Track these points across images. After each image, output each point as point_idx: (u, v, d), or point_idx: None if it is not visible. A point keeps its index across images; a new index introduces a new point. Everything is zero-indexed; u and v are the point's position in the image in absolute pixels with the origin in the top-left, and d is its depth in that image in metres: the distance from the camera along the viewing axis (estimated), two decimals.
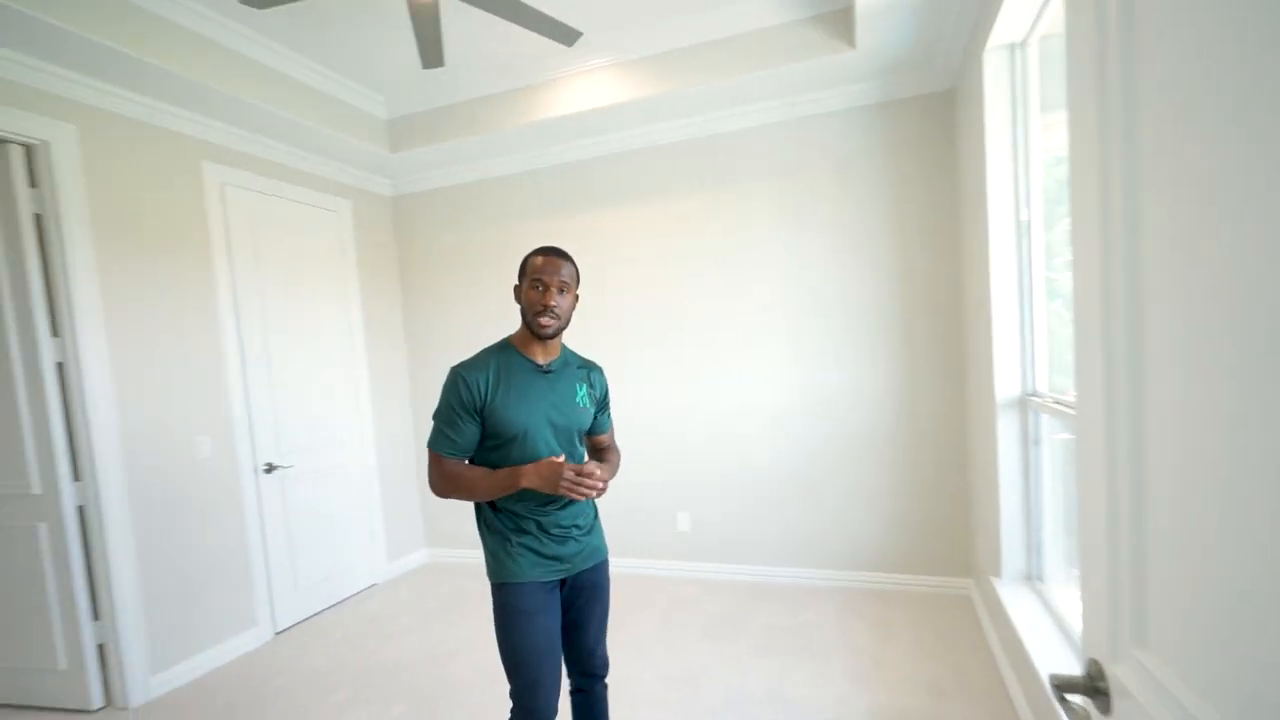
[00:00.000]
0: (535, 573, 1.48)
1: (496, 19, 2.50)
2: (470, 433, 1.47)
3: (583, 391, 1.59)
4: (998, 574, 2.36)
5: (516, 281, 1.56)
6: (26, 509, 2.39)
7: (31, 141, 2.24)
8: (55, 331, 2.34)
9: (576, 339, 3.51)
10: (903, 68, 2.75)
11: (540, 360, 1.54)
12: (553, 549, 1.50)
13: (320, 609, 3.30)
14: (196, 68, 2.45)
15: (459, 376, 1.46)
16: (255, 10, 2.27)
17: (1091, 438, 0.67)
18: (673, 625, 2.85)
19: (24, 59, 2.15)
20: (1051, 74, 2.03)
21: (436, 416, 1.49)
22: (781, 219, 3.14)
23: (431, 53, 2.15)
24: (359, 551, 3.57)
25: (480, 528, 1.55)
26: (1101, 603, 0.67)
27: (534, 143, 3.40)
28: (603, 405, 1.68)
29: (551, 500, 1.49)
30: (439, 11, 1.98)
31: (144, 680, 2.49)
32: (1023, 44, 2.13)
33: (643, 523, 3.54)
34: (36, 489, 2.37)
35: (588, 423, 1.61)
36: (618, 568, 3.54)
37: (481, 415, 1.46)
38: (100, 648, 2.44)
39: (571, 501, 1.52)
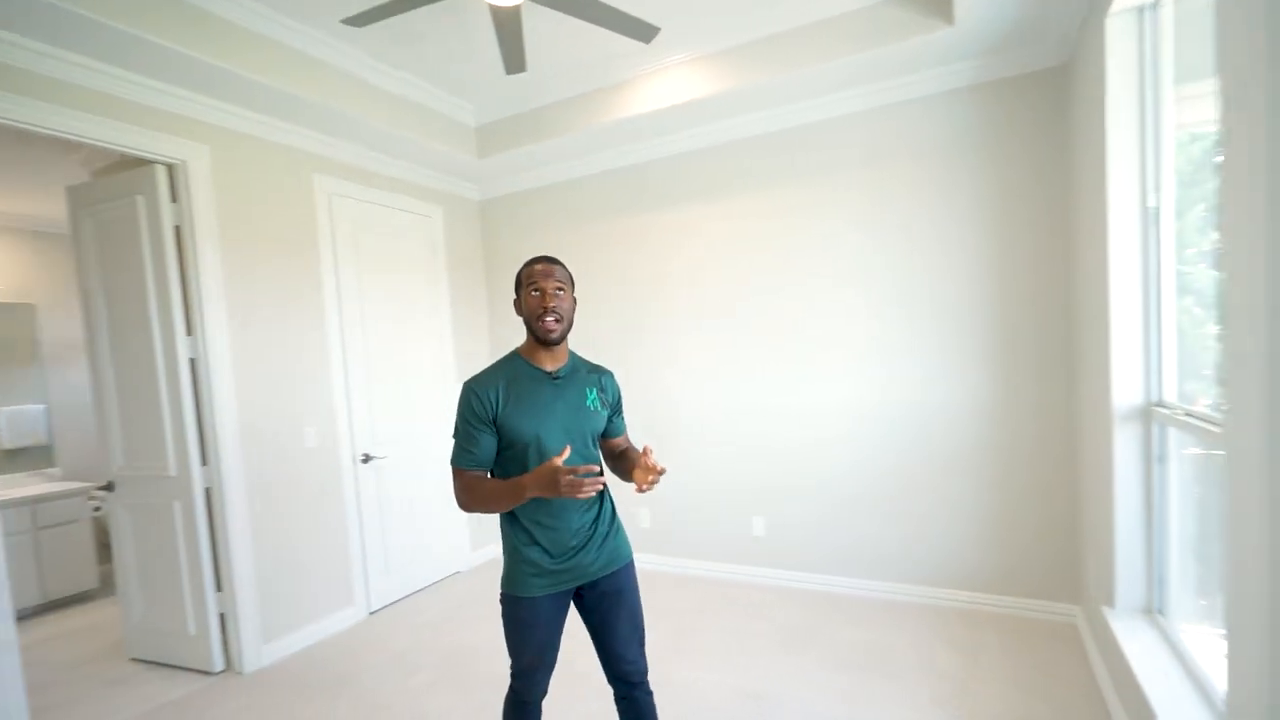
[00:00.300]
0: (541, 589, 1.50)
1: (577, 21, 2.54)
2: (487, 444, 1.50)
3: (593, 395, 1.60)
4: (1110, 603, 2.14)
5: (514, 297, 1.60)
6: (165, 489, 2.68)
7: (173, 161, 2.51)
8: (189, 331, 2.60)
9: (652, 340, 3.58)
10: (1007, 43, 2.55)
11: (548, 368, 1.57)
12: (562, 563, 1.51)
13: (408, 593, 3.49)
14: (309, 87, 2.65)
15: (470, 391, 1.50)
16: (356, 29, 2.43)
17: (1247, 456, 0.58)
18: (744, 633, 2.79)
19: (166, 87, 2.42)
20: (1191, 38, 1.79)
21: (455, 433, 1.52)
22: (864, 212, 3.00)
23: (514, 58, 2.22)
24: (444, 540, 3.74)
25: (501, 539, 1.58)
26: (1259, 659, 0.57)
27: (611, 143, 3.44)
28: (616, 408, 1.69)
29: (560, 511, 1.50)
30: (520, 16, 2.04)
31: (257, 649, 2.73)
32: (1154, 5, 1.90)
33: (715, 526, 3.50)
34: (172, 471, 2.65)
35: (600, 426, 1.61)
36: (687, 570, 3.58)
37: (496, 426, 1.49)
38: (221, 616, 2.70)
39: (580, 512, 1.52)
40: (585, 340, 3.81)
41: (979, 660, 2.44)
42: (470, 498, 1.49)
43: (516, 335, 1.68)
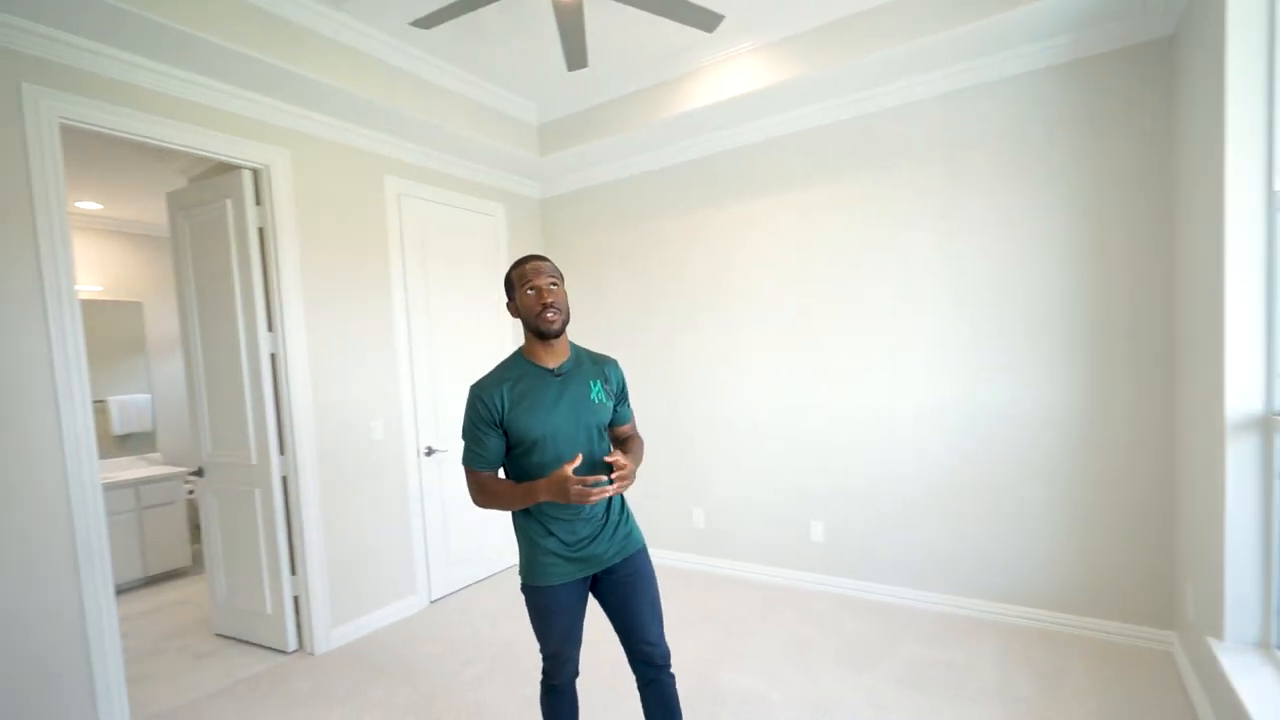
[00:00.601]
0: (560, 577, 1.56)
1: (638, 14, 2.52)
2: (495, 445, 1.54)
3: (597, 388, 1.62)
4: (1218, 634, 1.91)
5: (508, 300, 1.63)
6: (246, 476, 2.85)
7: (257, 166, 2.67)
8: (270, 327, 2.76)
9: (708, 336, 3.52)
10: (1105, 15, 2.33)
11: (550, 365, 1.59)
12: (577, 552, 1.56)
13: (467, 584, 3.58)
14: (381, 90, 2.75)
15: (476, 397, 1.54)
16: (423, 30, 2.49)
17: None
18: (802, 643, 2.69)
19: (252, 95, 2.57)
20: None
21: (464, 435, 1.57)
22: (937, 204, 2.83)
23: (576, 53, 2.22)
24: (502, 533, 3.81)
25: (515, 531, 1.62)
26: None
27: (671, 138, 3.40)
28: (621, 397, 1.72)
29: (568, 508, 1.53)
30: (582, 10, 2.03)
31: (326, 631, 2.86)
32: None
33: (772, 529, 3.40)
34: (253, 460, 2.81)
35: (606, 418, 1.64)
36: (745, 573, 3.49)
37: (503, 428, 1.53)
38: (295, 599, 2.84)
39: (588, 509, 1.56)
40: (638, 336, 3.80)
41: (1061, 686, 2.25)
42: (485, 497, 1.56)
43: (570, 326, 1.67)
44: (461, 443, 1.60)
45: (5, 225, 1.97)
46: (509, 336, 3.90)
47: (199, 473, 3.01)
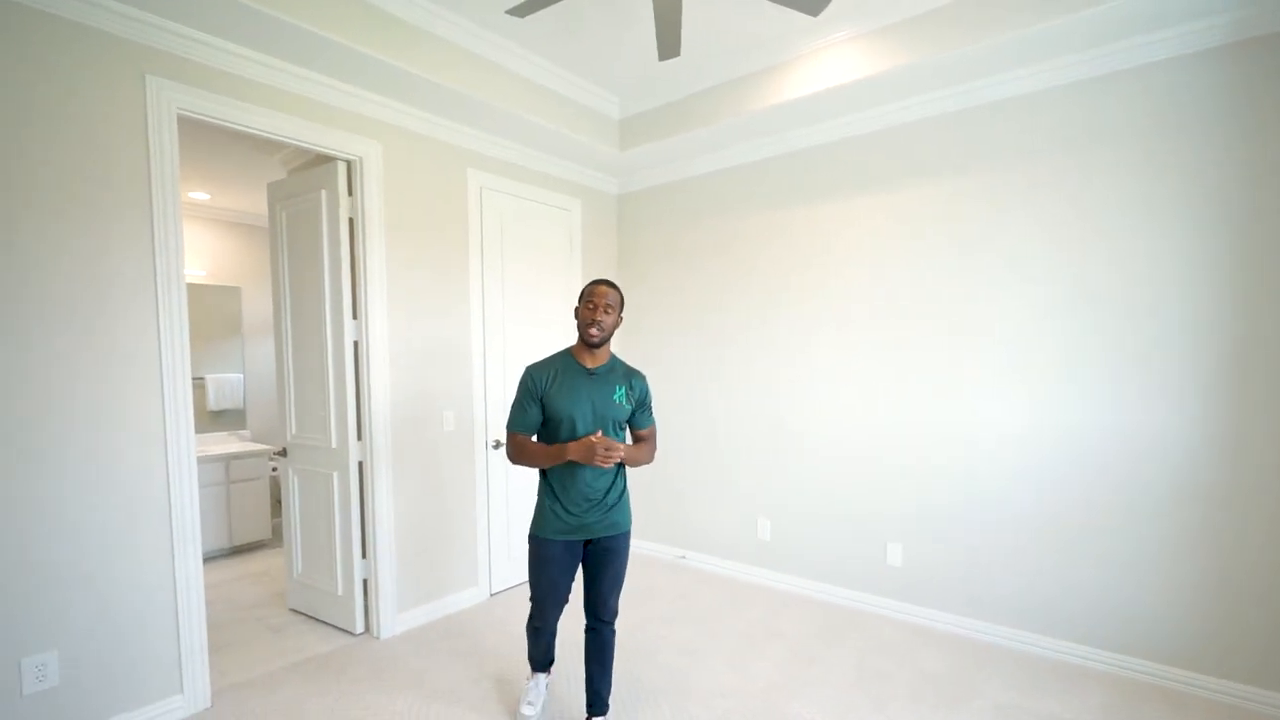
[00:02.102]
0: (557, 533, 1.97)
1: (736, 2, 2.42)
2: (534, 414, 1.98)
3: (620, 392, 2.00)
4: None
5: (577, 305, 2.01)
6: (326, 459, 2.94)
7: (351, 158, 2.74)
8: (355, 315, 2.83)
9: (786, 340, 3.37)
10: None
11: (589, 365, 1.99)
12: (575, 520, 1.96)
13: (522, 581, 3.56)
14: (470, 82, 2.76)
15: (529, 373, 1.99)
16: (515, 20, 2.48)
17: None
18: (876, 675, 2.51)
19: (350, 88, 2.64)
20: None
21: (512, 405, 2.01)
22: (1054, 204, 2.58)
23: (669, 41, 2.14)
24: None
25: (537, 495, 2.05)
26: None
27: (757, 132, 3.28)
28: (641, 405, 2.08)
29: (578, 480, 1.94)
30: None
31: (392, 616, 2.91)
32: None
33: (843, 547, 3.22)
34: (333, 443, 2.89)
35: (623, 416, 2.02)
36: (812, 591, 3.32)
37: (541, 403, 1.95)
38: (364, 582, 2.90)
39: (594, 483, 1.96)
40: (706, 335, 3.70)
41: None
42: (519, 453, 1.98)
43: (641, 323, 1.60)
44: (508, 414, 2.04)
45: (124, 211, 2.09)
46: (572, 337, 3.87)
47: (283, 452, 3.14)
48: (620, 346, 4.15)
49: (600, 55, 3.03)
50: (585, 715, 2.14)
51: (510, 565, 3.48)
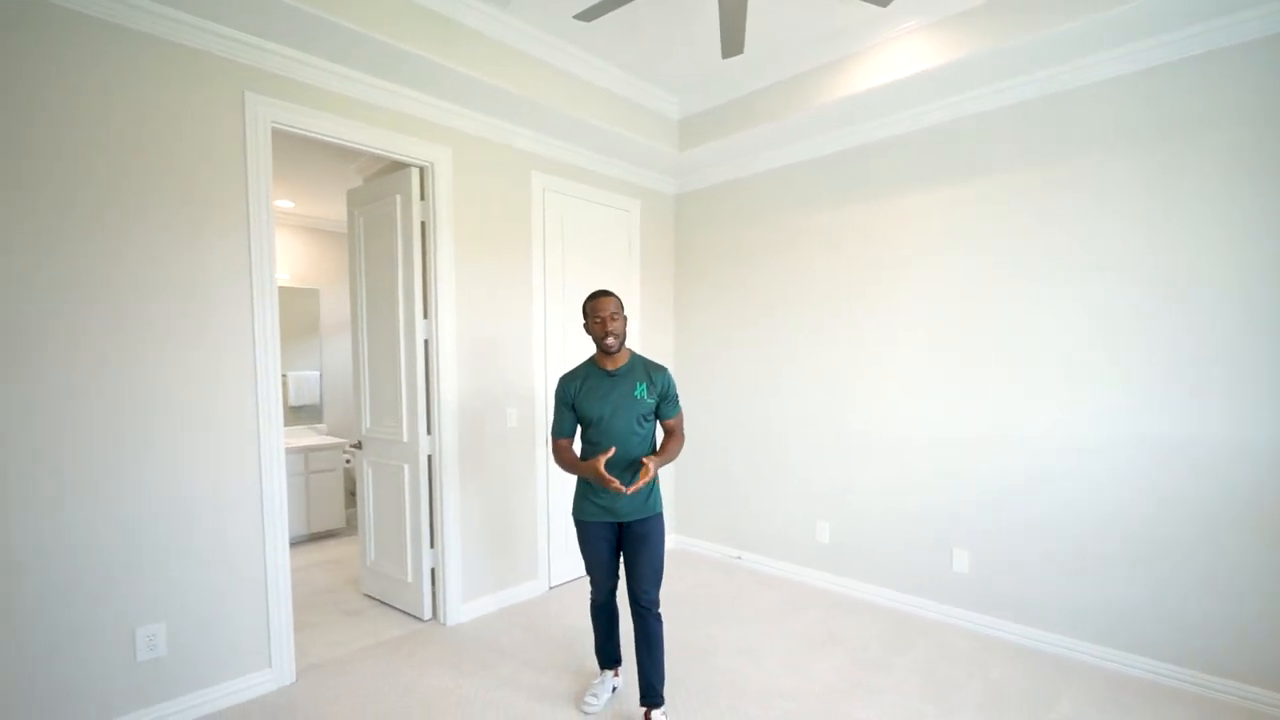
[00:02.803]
0: (590, 515, 2.18)
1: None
2: (569, 420, 2.22)
3: (642, 388, 2.16)
4: None
5: (584, 321, 2.22)
6: (397, 452, 3.09)
7: (423, 164, 2.87)
8: (425, 314, 2.96)
9: (848, 340, 3.30)
10: None
11: (609, 368, 2.19)
12: (606, 502, 2.15)
13: (579, 576, 3.63)
14: (535, 88, 2.85)
15: (561, 383, 2.24)
16: (578, 24, 2.53)
17: None
18: (943, 684, 2.44)
19: (422, 96, 2.76)
20: None
21: (553, 413, 2.27)
22: (1141, 197, 2.44)
23: (734, 38, 2.14)
24: None
25: (577, 482, 2.28)
26: None
27: (820, 128, 3.23)
28: (665, 397, 2.21)
29: (608, 470, 2.08)
30: None
31: (458, 604, 3.03)
32: None
33: (905, 552, 3.14)
34: (405, 437, 3.03)
35: (647, 410, 2.17)
36: (874, 596, 3.25)
37: (574, 408, 2.19)
38: (432, 571, 3.03)
39: (620, 473, 2.10)
40: (764, 335, 3.67)
41: None
42: (561, 460, 2.22)
43: (696, 322, 1.61)
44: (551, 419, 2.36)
45: (224, 220, 2.26)
46: (635, 333, 3.92)
47: (358, 445, 3.31)
48: (677, 345, 4.18)
49: (660, 56, 3.06)
50: (640, 707, 2.20)
51: (568, 560, 3.56)
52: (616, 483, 1.98)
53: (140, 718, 2.10)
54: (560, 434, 2.23)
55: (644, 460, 2.04)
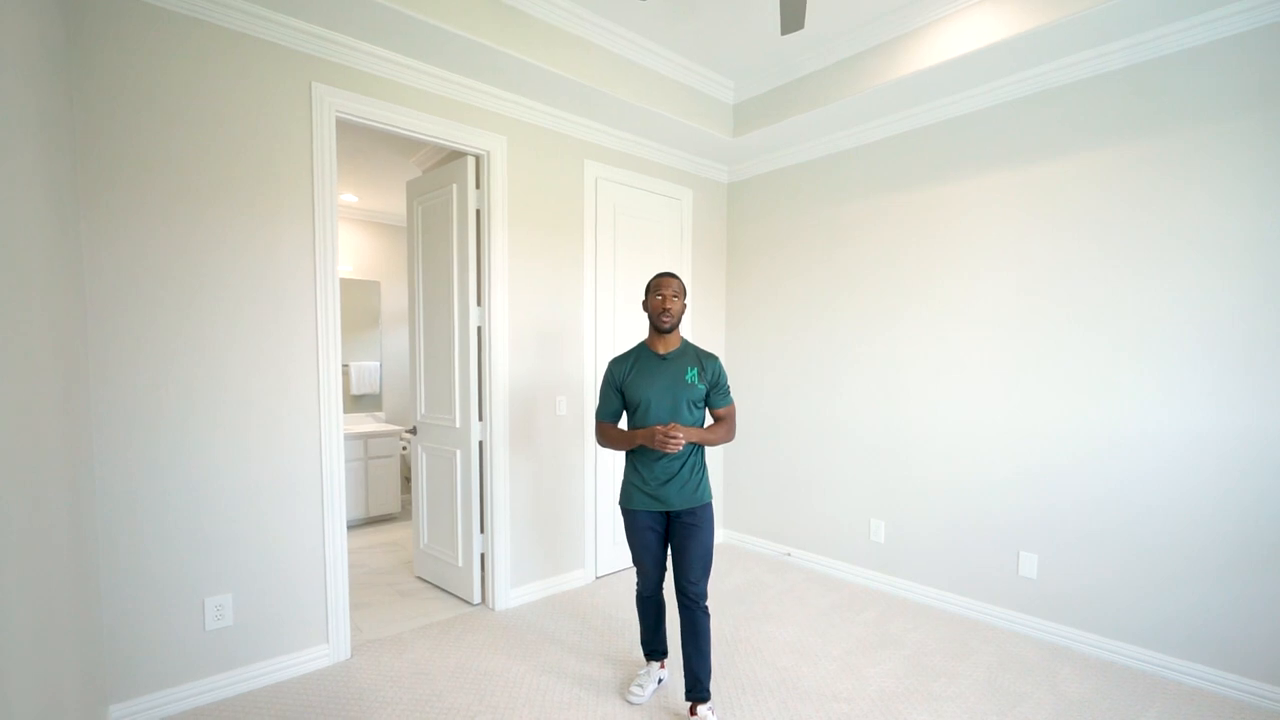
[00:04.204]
0: (638, 504, 2.16)
1: None
2: (615, 402, 2.22)
3: (693, 373, 2.15)
4: None
5: (644, 299, 2.22)
6: (451, 438, 3.14)
7: (479, 152, 2.91)
8: (479, 302, 3.00)
9: (907, 333, 3.15)
10: None
11: (661, 351, 2.19)
12: (654, 490, 2.13)
13: (627, 566, 3.62)
14: (589, 74, 2.83)
15: (610, 366, 2.24)
16: (631, 7, 2.48)
17: None
18: (1010, 696, 2.30)
19: (479, 85, 2.79)
20: None
21: (599, 396, 2.28)
22: (1244, 177, 2.23)
23: (794, 12, 2.07)
24: None
25: (624, 468, 2.29)
26: None
27: (882, 109, 3.09)
28: (715, 385, 2.19)
29: (656, 459, 2.12)
30: None
31: (506, 590, 3.06)
32: None
33: (968, 554, 2.98)
34: (457, 423, 3.08)
35: (697, 396, 2.15)
36: (930, 599, 3.11)
37: (621, 391, 2.19)
38: (482, 556, 3.07)
39: (669, 461, 2.12)
40: (817, 327, 3.56)
41: None
42: (605, 438, 2.23)
43: (748, 309, 1.55)
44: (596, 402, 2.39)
45: (291, 209, 2.34)
46: (687, 323, 3.87)
47: (414, 431, 3.39)
48: (728, 336, 4.11)
49: (715, 37, 2.99)
50: (685, 701, 2.16)
51: (615, 550, 3.55)
52: (671, 431, 1.99)
53: (210, 683, 2.21)
54: (604, 416, 2.24)
55: (669, 428, 2.02)
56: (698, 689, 2.09)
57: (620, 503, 2.23)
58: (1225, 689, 2.29)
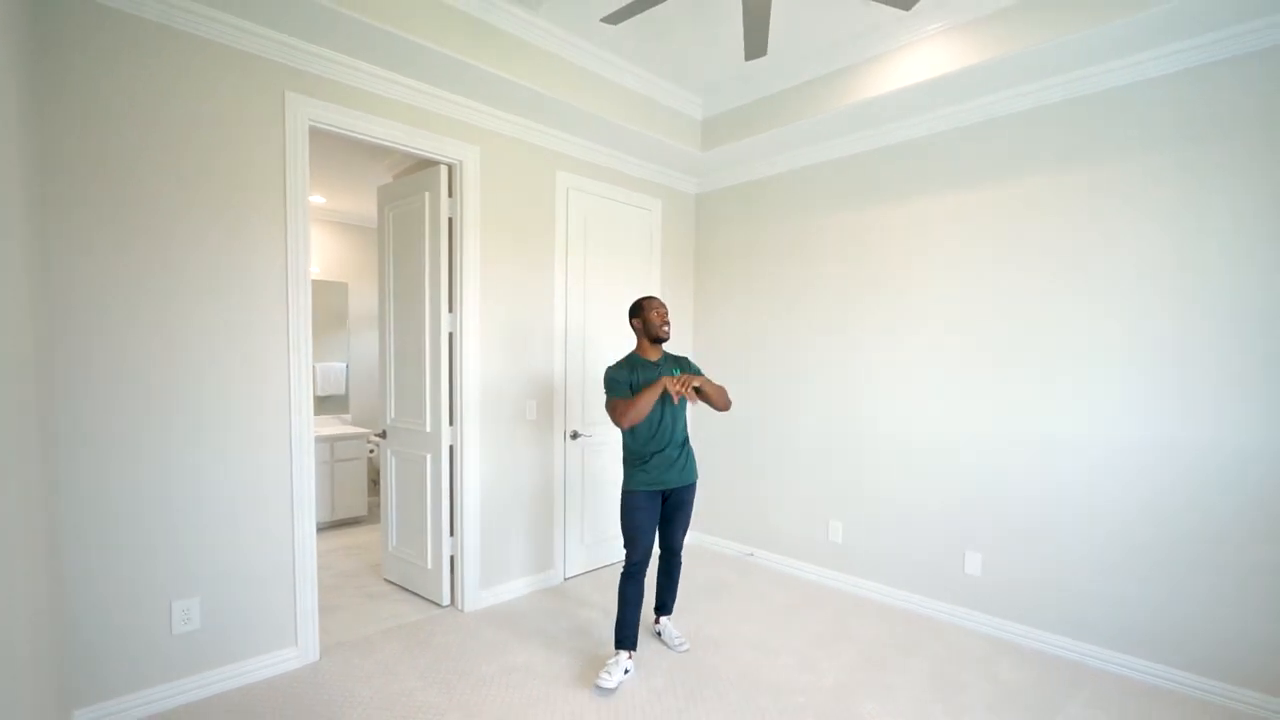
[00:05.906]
0: (642, 485, 2.52)
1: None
2: (628, 390, 2.51)
3: (676, 370, 2.56)
4: None
5: (633, 319, 2.62)
6: (420, 441, 3.18)
7: (452, 161, 2.95)
8: (450, 308, 3.04)
9: (861, 342, 3.33)
10: None
11: (653, 359, 2.61)
12: (656, 475, 2.52)
13: (595, 567, 3.71)
14: (561, 88, 2.91)
15: (618, 369, 2.56)
16: (604, 27, 2.59)
17: None
18: (947, 682, 2.46)
19: (453, 96, 2.84)
20: None
21: (610, 388, 2.53)
22: (1176, 201, 2.43)
23: (757, 40, 2.18)
24: None
25: (623, 464, 2.61)
26: None
27: (843, 129, 3.25)
28: (694, 374, 2.60)
29: (662, 446, 2.54)
30: None
31: (475, 592, 3.11)
32: None
33: (920, 554, 3.15)
34: (428, 428, 3.12)
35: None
36: (885, 597, 3.28)
37: (630, 387, 2.52)
38: (451, 559, 3.12)
39: (672, 450, 2.56)
40: (779, 336, 3.70)
41: None
42: (627, 407, 2.43)
43: (716, 320, 1.65)
44: (606, 396, 2.57)
45: (263, 215, 2.36)
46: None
47: (383, 434, 3.41)
48: (695, 341, 4.23)
49: (684, 57, 3.11)
50: (654, 615, 2.82)
51: (583, 552, 3.63)
52: (683, 389, 2.40)
53: (178, 686, 2.21)
54: (621, 394, 2.52)
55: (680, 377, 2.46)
56: (665, 607, 2.79)
57: (625, 488, 2.56)
58: (1148, 676, 2.49)
